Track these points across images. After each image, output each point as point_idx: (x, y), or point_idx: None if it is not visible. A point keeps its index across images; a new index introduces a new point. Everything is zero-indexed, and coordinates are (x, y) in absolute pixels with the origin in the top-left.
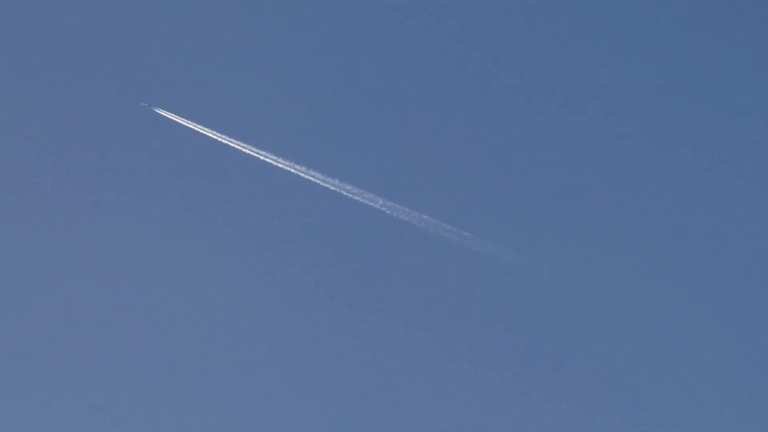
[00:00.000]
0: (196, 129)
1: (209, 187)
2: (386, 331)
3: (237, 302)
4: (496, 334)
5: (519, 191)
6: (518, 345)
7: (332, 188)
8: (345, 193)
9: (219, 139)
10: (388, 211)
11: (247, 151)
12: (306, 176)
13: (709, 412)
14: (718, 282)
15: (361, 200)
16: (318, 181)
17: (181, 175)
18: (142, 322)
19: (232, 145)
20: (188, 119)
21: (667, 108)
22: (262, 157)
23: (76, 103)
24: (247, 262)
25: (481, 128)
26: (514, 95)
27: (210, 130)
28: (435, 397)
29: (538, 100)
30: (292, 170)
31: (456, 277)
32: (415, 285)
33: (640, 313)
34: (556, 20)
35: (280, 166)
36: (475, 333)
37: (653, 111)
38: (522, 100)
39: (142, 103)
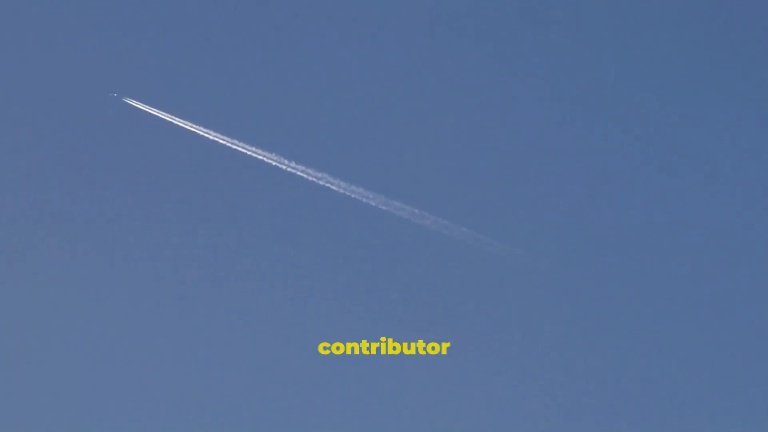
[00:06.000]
0: (171, 120)
1: (191, 182)
2: (386, 330)
3: (231, 302)
4: (497, 331)
5: (522, 189)
6: (519, 342)
7: (322, 183)
8: (335, 188)
9: (196, 131)
10: (384, 208)
11: (229, 144)
12: (290, 170)
13: (710, 411)
14: (718, 280)
15: (352, 195)
16: (305, 176)
17: (160, 169)
18: (133, 322)
19: (210, 137)
20: (162, 110)
21: (668, 107)
22: (243, 150)
23: (46, 94)
24: (236, 260)
25: (482, 127)
26: (515, 93)
27: (185, 121)
28: (435, 394)
29: (538, 99)
30: (279, 165)
31: (457, 274)
32: (417, 283)
33: (643, 311)
34: (556, 18)
35: (263, 159)
36: (475, 330)
37: (653, 110)
38: (523, 98)
39: (112, 94)
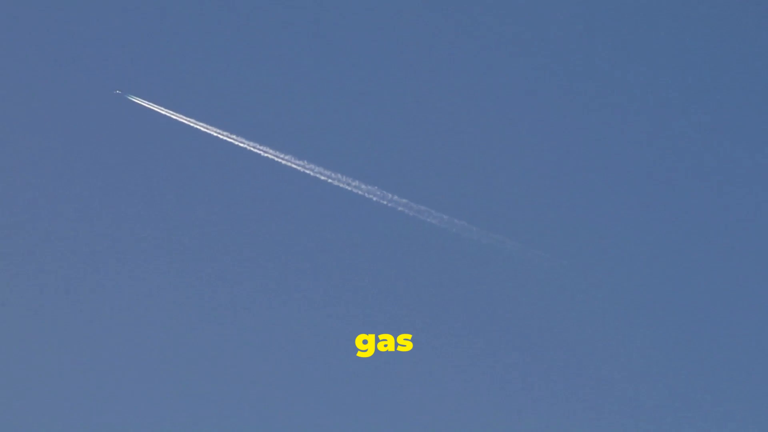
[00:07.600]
0: (174, 117)
1: (193, 178)
2: (388, 326)
3: (235, 300)
4: (499, 328)
5: (526, 186)
6: (520, 338)
7: (322, 178)
8: (336, 183)
9: (198, 127)
10: (384, 202)
11: (231, 140)
12: (288, 164)
13: (711, 408)
14: (720, 278)
15: (357, 192)
16: (305, 170)
17: (163, 165)
18: (137, 321)
19: (212, 133)
20: (165, 107)
21: (669, 103)
22: (245, 146)
23: (48, 91)
24: (236, 256)
25: (484, 126)
26: (517, 91)
27: (188, 118)
28: (437, 392)
29: (539, 96)
30: (277, 159)
31: (460, 270)
32: (418, 280)
33: (647, 310)
34: (557, 17)
35: (261, 153)
36: (477, 326)
37: (653, 106)
38: (524, 96)
39: (115, 91)
